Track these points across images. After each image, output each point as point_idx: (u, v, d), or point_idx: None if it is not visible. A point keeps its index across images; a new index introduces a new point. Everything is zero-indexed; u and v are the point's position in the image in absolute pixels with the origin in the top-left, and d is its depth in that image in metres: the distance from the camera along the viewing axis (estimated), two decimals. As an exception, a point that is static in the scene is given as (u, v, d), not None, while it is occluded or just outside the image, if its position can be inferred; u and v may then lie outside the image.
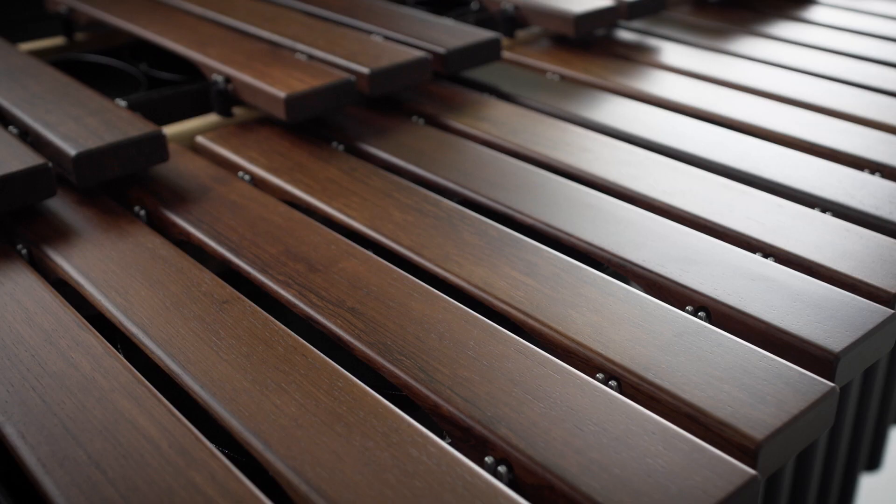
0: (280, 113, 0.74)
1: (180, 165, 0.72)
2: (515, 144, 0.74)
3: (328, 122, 0.80)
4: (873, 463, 1.40)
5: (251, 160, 0.73)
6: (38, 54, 1.01)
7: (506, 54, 0.96)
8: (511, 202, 0.65)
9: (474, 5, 1.11)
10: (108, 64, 0.96)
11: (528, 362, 0.48)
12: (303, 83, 0.75)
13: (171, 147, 0.75)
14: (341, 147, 0.76)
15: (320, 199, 0.66)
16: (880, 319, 0.51)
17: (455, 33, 0.87)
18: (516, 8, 0.97)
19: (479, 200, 0.66)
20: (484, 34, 0.86)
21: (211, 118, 0.81)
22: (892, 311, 0.52)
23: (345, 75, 0.77)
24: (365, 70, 0.78)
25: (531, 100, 0.84)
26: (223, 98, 0.80)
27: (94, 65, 0.98)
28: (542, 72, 0.92)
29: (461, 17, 1.11)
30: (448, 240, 0.60)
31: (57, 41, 1.03)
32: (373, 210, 0.64)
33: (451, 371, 0.48)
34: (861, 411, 1.22)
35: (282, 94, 0.73)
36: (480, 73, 0.91)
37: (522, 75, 0.90)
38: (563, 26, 0.93)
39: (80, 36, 1.04)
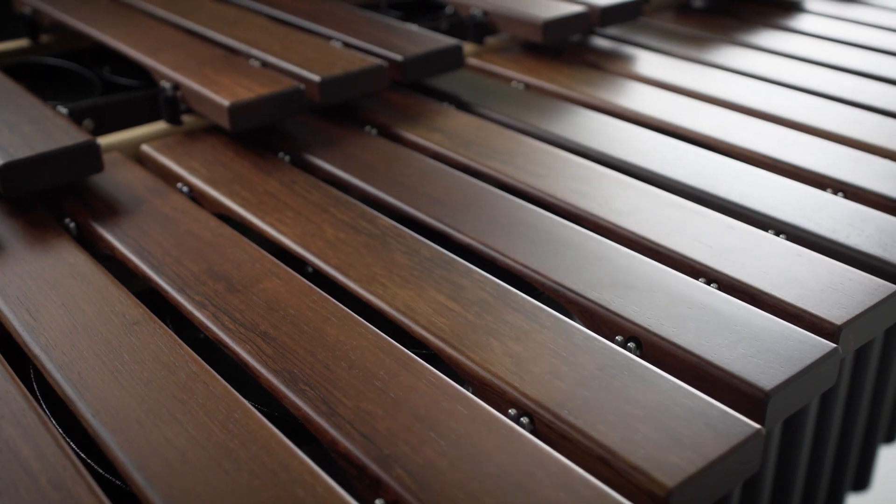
0: (224, 122, 0.72)
1: (118, 176, 0.70)
2: (466, 157, 0.71)
3: (278, 132, 0.77)
4: (861, 482, 1.36)
5: (192, 171, 0.70)
6: (1, 56, 1.00)
7: (473, 61, 0.93)
8: (450, 219, 0.62)
9: (449, 9, 1.08)
10: (66, 67, 0.94)
11: (438, 396, 0.46)
12: (249, 91, 0.73)
13: (114, 156, 0.73)
14: (287, 158, 0.74)
15: (255, 213, 0.64)
16: (819, 354, 0.48)
17: (416, 40, 0.84)
18: (485, 13, 0.94)
19: (418, 217, 0.63)
20: (444, 41, 0.83)
21: (159, 126, 0.78)
22: (833, 346, 0.48)
23: (293, 83, 0.74)
24: (315, 78, 0.75)
25: (491, 110, 0.81)
26: (171, 105, 0.78)
27: (55, 68, 0.96)
28: (508, 80, 0.89)
29: (435, 21, 1.08)
30: (377, 259, 0.58)
31: (21, 43, 1.02)
32: (306, 226, 0.62)
33: (355, 403, 0.45)
34: (847, 428, 1.18)
35: (225, 102, 0.71)
36: (443, 82, 0.88)
37: (486, 84, 0.87)
38: (531, 33, 0.90)
39: (45, 38, 1.02)
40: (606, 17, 0.94)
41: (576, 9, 0.92)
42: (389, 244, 0.59)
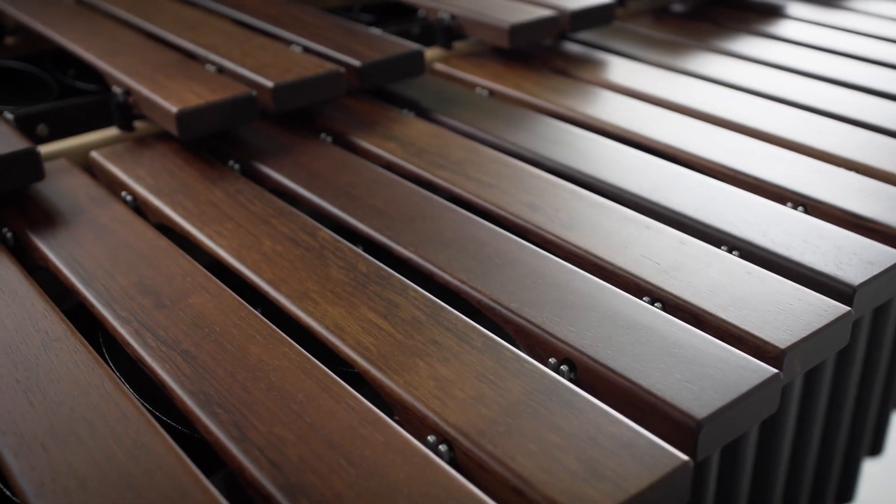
0: (173, 128, 0.70)
1: (62, 184, 0.68)
2: (417, 167, 0.69)
3: (231, 139, 0.76)
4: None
5: (138, 179, 0.69)
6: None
7: (439, 67, 0.91)
8: (391, 232, 0.60)
9: (421, 13, 1.06)
10: (24, 70, 0.93)
11: (355, 421, 0.44)
12: (198, 98, 0.71)
13: (60, 163, 0.72)
14: (238, 166, 0.72)
15: (194, 224, 0.62)
16: (758, 381, 0.46)
17: (376, 46, 0.82)
18: (453, 17, 0.92)
19: (361, 229, 0.61)
20: (405, 47, 0.81)
21: (111, 132, 0.77)
22: (774, 372, 0.46)
23: (245, 90, 0.73)
24: (269, 84, 0.73)
25: (451, 117, 0.79)
26: (123, 111, 0.76)
27: (14, 71, 0.94)
28: (473, 86, 0.87)
29: (407, 25, 1.06)
30: (312, 274, 0.56)
31: (-14, 45, 1.01)
32: (244, 238, 0.60)
33: (268, 428, 0.43)
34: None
35: (173, 108, 0.69)
36: (406, 88, 0.86)
37: (450, 90, 0.85)
38: (497, 38, 0.88)
39: (10, 40, 1.01)
40: (577, 21, 0.92)
41: (544, 13, 0.90)
42: (326, 258, 0.57)
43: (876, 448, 1.24)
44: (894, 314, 1.00)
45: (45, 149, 0.73)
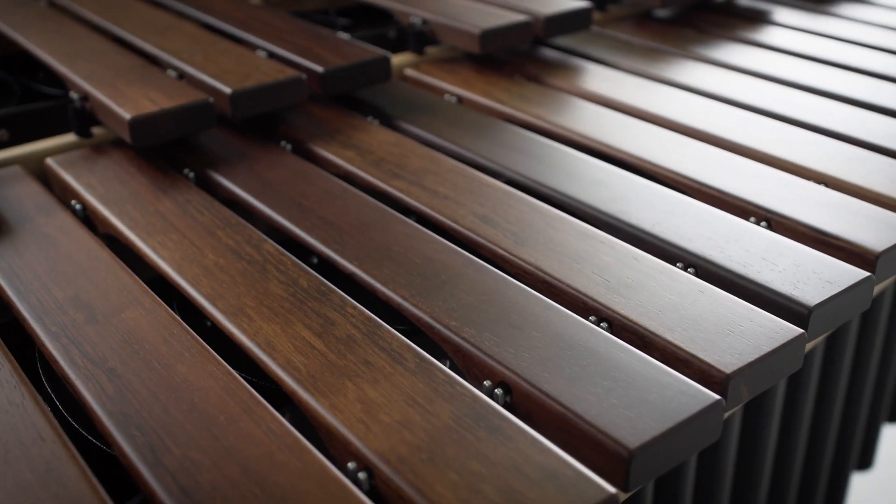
0: (126, 135, 0.69)
1: (11, 191, 0.67)
2: (374, 177, 0.68)
3: (189, 147, 0.74)
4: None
5: (89, 188, 0.67)
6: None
7: (410, 73, 0.89)
8: (338, 245, 0.59)
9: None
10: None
11: (274, 446, 0.42)
12: (153, 104, 0.70)
13: (13, 170, 0.71)
14: (192, 175, 0.70)
15: (139, 235, 0.61)
16: (698, 408, 0.44)
17: (342, 51, 0.81)
18: (425, 22, 0.90)
19: (308, 242, 0.60)
20: (371, 53, 0.80)
21: (69, 138, 0.75)
22: (716, 398, 0.44)
23: (202, 96, 0.71)
24: (227, 90, 0.72)
25: (415, 125, 0.78)
26: (80, 117, 0.75)
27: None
28: (442, 93, 0.85)
29: (383, 29, 1.04)
30: (251, 289, 0.54)
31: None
32: (187, 250, 0.58)
33: (183, 452, 0.42)
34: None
35: (127, 115, 0.68)
36: (373, 94, 0.84)
37: (417, 97, 0.83)
38: (468, 43, 0.86)
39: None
40: (552, 27, 0.90)
41: (517, 18, 0.88)
42: (268, 272, 0.56)
43: (836, 482, 1.22)
44: (852, 339, 0.98)
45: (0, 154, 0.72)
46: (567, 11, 0.91)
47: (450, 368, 0.47)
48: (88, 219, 0.66)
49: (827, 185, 0.67)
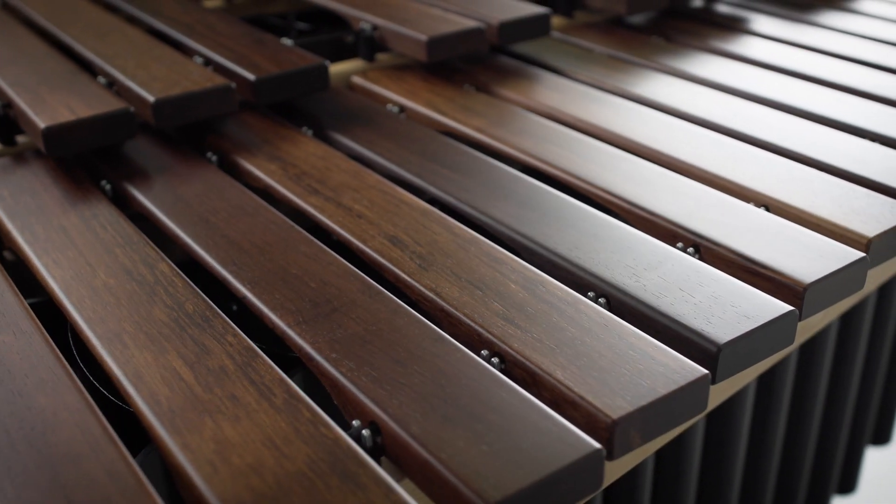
0: (41, 145, 0.67)
1: (-79, 202, 0.65)
2: (291, 192, 0.65)
3: (110, 157, 0.72)
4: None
5: (-1, 199, 0.66)
6: None
7: (356, 80, 0.86)
8: (236, 267, 0.56)
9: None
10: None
11: (113, 489, 0.39)
12: (71, 113, 0.68)
13: (-71, 179, 0.69)
14: (109, 187, 0.68)
15: (35, 251, 0.58)
16: (574, 458, 0.40)
17: (278, 59, 0.78)
18: (375, 28, 0.87)
19: (207, 262, 0.57)
20: (308, 60, 0.77)
21: (-8, 146, 0.74)
22: (596, 447, 0.41)
23: (122, 105, 0.69)
24: (150, 98, 0.70)
25: (348, 137, 0.75)
26: (4, 124, 0.73)
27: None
28: (386, 102, 0.82)
29: (341, 34, 1.02)
30: (133, 313, 0.52)
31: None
32: (80, 269, 0.56)
33: (18, 493, 0.39)
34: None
35: (41, 124, 0.66)
36: (312, 103, 0.81)
37: (358, 107, 0.80)
38: (416, 51, 0.83)
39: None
40: (507, 33, 0.87)
41: (468, 25, 0.85)
42: (156, 295, 0.53)
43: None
44: (829, 352, 0.93)
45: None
46: (523, 18, 0.87)
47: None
48: (-6, 232, 0.64)
49: (768, 208, 0.63)
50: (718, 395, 0.69)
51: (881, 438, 1.31)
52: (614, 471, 0.61)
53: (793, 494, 1.11)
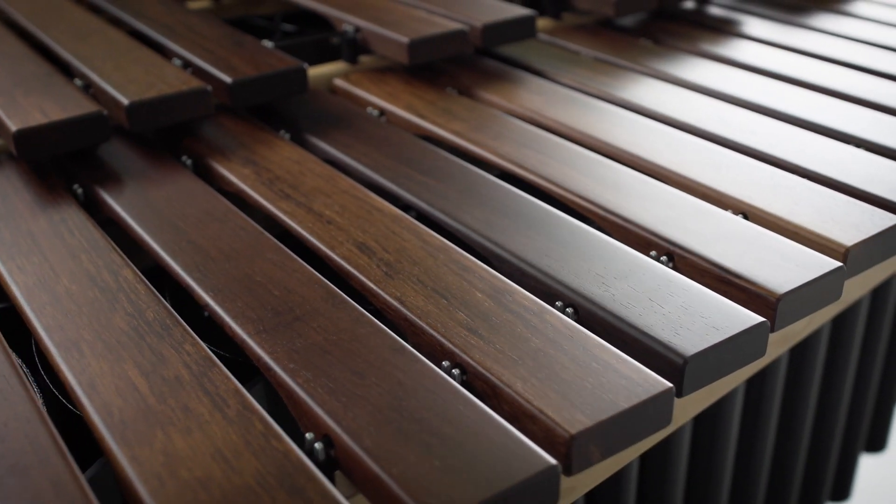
0: (13, 148, 0.66)
1: None
2: (263, 197, 0.64)
3: (84, 161, 0.71)
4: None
5: (-30, 202, 0.65)
6: None
7: (337, 83, 0.86)
8: (200, 274, 0.55)
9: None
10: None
11: (57, 503, 0.39)
12: (44, 116, 0.67)
13: None
14: (81, 191, 0.68)
15: (1, 255, 0.58)
16: (528, 474, 0.39)
17: (256, 62, 0.77)
18: (358, 30, 0.86)
19: (171, 268, 0.56)
20: (286, 63, 0.76)
21: (-32, 148, 0.73)
22: (552, 464, 0.40)
23: (97, 108, 0.68)
24: (124, 101, 0.69)
25: (324, 141, 0.74)
26: (-21, 127, 0.73)
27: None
28: (366, 105, 0.82)
29: (326, 36, 1.01)
30: (93, 321, 0.51)
31: None
32: (43, 275, 0.55)
33: (-42, 508, 0.39)
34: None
35: (13, 127, 0.66)
36: (293, 106, 0.80)
37: (339, 110, 0.79)
38: (397, 53, 0.82)
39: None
40: (491, 36, 0.86)
41: (451, 27, 0.84)
42: (118, 302, 0.53)
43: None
44: (820, 359, 0.92)
45: None
46: (507, 20, 0.86)
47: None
48: (-37, 236, 0.64)
49: (746, 216, 0.62)
50: (706, 398, 0.68)
51: (876, 445, 1.29)
52: (595, 476, 0.60)
53: (784, 502, 1.09)
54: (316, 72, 0.87)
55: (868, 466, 1.34)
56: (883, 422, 1.28)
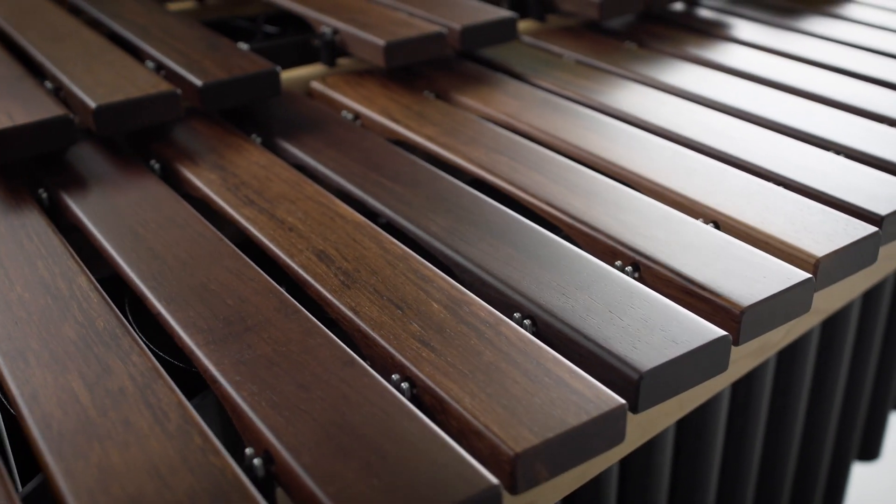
0: (-23, 153, 0.66)
1: None
2: (226, 203, 0.63)
3: (52, 165, 0.70)
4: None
5: (-67, 207, 0.64)
6: None
7: (315, 86, 0.85)
8: (156, 282, 0.54)
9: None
10: None
11: (-16, 520, 0.38)
12: (8, 120, 0.66)
13: None
14: (46, 196, 0.67)
15: (-43, 262, 0.57)
16: (468, 495, 0.38)
17: (228, 64, 0.76)
18: (336, 32, 0.85)
19: (127, 275, 0.56)
20: (258, 65, 0.75)
21: (-63, 151, 0.73)
22: (494, 483, 0.39)
23: (62, 112, 0.68)
24: (91, 104, 0.68)
25: (294, 145, 0.73)
26: (-54, 130, 0.72)
27: None
28: (342, 109, 0.81)
29: (307, 37, 1.00)
30: (42, 330, 0.50)
31: None
32: (-2, 282, 0.55)
33: None
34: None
35: (-24, 132, 0.65)
36: (268, 109, 0.79)
37: (314, 114, 0.79)
38: (374, 56, 0.81)
39: None
40: (470, 39, 0.85)
41: (429, 30, 0.83)
42: (69, 311, 0.52)
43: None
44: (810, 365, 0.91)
45: None
46: (487, 22, 0.85)
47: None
48: (-75, 241, 0.63)
49: (717, 225, 0.61)
50: (689, 402, 0.66)
51: (869, 454, 1.27)
52: (560, 489, 0.59)
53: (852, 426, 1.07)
54: (294, 74, 0.86)
55: (861, 476, 1.33)
56: (876, 429, 1.26)
